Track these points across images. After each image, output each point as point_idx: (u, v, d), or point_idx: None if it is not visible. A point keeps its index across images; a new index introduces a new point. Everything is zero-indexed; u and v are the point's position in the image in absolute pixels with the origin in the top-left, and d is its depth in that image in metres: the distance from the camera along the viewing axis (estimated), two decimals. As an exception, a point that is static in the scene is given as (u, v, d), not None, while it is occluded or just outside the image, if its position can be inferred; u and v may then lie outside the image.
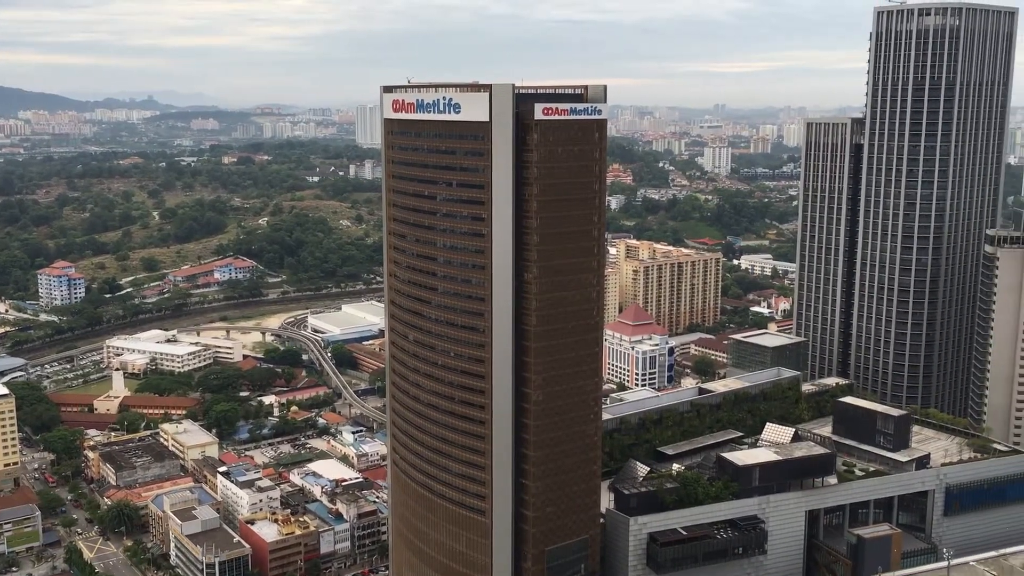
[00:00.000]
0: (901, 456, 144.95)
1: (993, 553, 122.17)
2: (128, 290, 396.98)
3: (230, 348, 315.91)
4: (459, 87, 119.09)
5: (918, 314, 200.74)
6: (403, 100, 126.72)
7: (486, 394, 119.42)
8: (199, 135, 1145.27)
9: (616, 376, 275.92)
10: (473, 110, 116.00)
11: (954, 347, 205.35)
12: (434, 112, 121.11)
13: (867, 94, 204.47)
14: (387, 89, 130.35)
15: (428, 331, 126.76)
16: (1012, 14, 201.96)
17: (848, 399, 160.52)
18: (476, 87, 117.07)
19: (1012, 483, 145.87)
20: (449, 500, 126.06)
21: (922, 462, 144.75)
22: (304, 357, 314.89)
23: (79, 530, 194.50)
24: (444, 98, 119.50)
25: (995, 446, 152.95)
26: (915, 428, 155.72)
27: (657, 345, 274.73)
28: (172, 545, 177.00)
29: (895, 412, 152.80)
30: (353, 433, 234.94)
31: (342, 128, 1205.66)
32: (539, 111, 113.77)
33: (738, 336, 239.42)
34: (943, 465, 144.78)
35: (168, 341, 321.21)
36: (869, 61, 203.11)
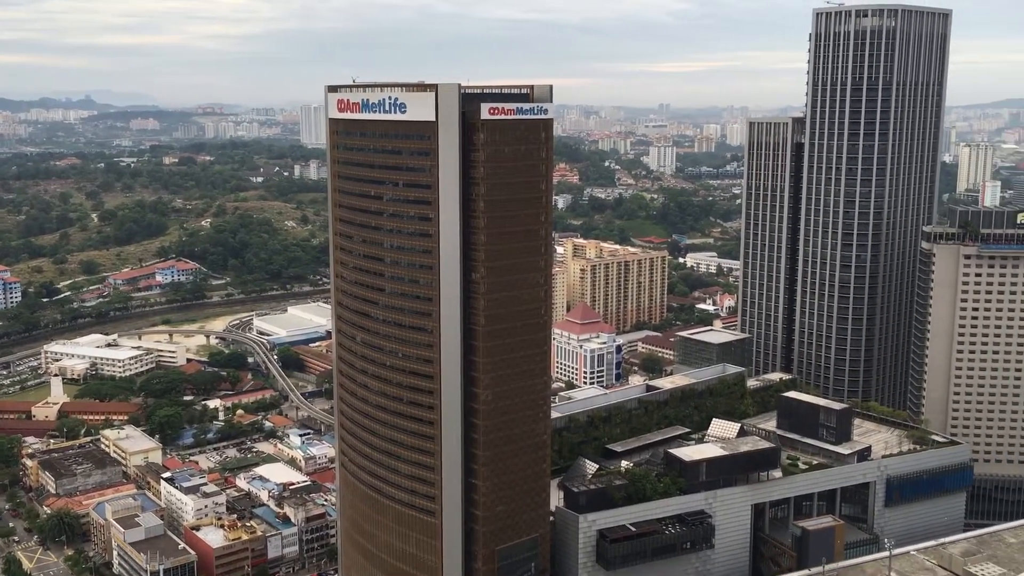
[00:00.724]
0: (843, 449, 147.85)
1: (932, 542, 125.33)
2: (67, 294, 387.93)
3: (173, 352, 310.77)
4: (405, 87, 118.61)
5: (858, 310, 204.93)
6: (348, 100, 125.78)
7: (435, 394, 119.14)
8: (139, 135, 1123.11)
9: (565, 374, 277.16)
10: (419, 110, 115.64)
11: (893, 341, 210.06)
12: (380, 112, 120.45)
13: (807, 94, 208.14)
14: (332, 89, 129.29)
15: (376, 332, 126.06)
16: (946, 16, 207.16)
17: (792, 394, 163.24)
18: (422, 87, 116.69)
19: (949, 473, 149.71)
20: (398, 501, 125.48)
21: (863, 454, 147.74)
22: (250, 360, 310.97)
23: (17, 539, 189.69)
24: (390, 98, 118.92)
25: (933, 437, 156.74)
26: (856, 421, 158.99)
27: (605, 343, 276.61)
28: (115, 554, 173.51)
29: (837, 406, 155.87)
30: (300, 436, 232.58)
31: (286, 128, 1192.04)
32: (485, 111, 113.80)
33: (684, 333, 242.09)
34: (884, 457, 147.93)
35: (108, 346, 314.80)
36: (809, 62, 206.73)
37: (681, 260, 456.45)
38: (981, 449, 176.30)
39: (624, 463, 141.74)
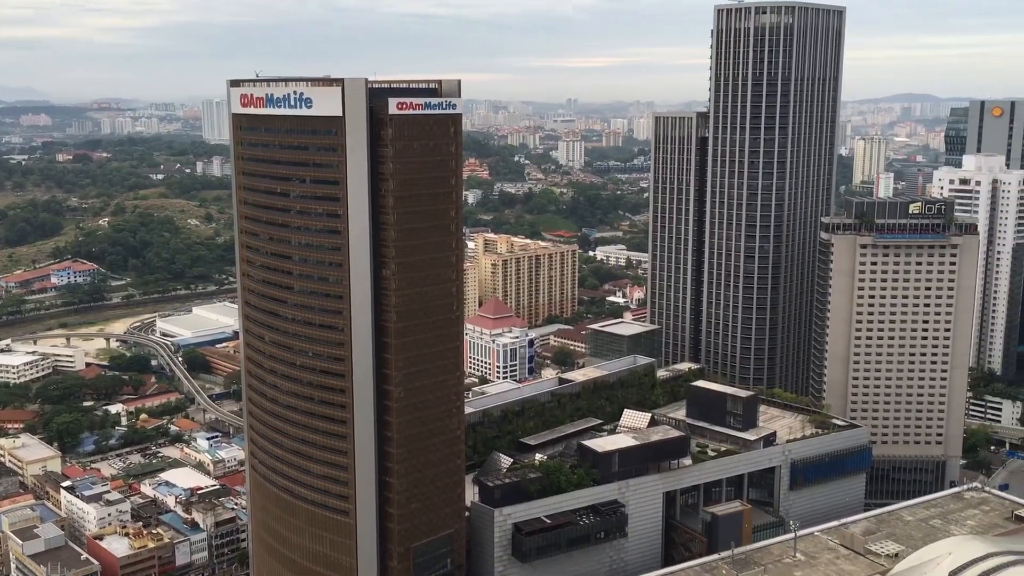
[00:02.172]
0: (750, 435, 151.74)
1: (835, 522, 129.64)
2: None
3: (71, 356, 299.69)
4: (310, 81, 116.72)
5: (762, 299, 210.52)
6: (252, 95, 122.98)
7: (346, 393, 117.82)
8: (29, 132, 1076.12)
9: (478, 370, 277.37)
10: (325, 105, 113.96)
11: (795, 329, 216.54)
12: (285, 107, 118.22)
13: (710, 89, 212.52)
14: (234, 83, 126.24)
15: (285, 331, 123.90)
16: (840, 12, 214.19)
17: (700, 383, 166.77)
18: (328, 81, 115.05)
19: (850, 455, 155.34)
20: (311, 502, 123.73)
21: (769, 440, 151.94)
22: (153, 363, 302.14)
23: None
24: (295, 93, 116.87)
25: (834, 421, 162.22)
26: (762, 408, 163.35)
27: (517, 338, 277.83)
28: (13, 567, 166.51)
29: (743, 393, 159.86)
30: (208, 439, 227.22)
31: (187, 124, 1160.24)
32: (393, 106, 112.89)
33: (595, 326, 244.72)
34: (788, 442, 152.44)
35: (1, 351, 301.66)
36: (711, 57, 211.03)
37: (591, 253, 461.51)
38: (879, 431, 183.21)
39: (538, 456, 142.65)
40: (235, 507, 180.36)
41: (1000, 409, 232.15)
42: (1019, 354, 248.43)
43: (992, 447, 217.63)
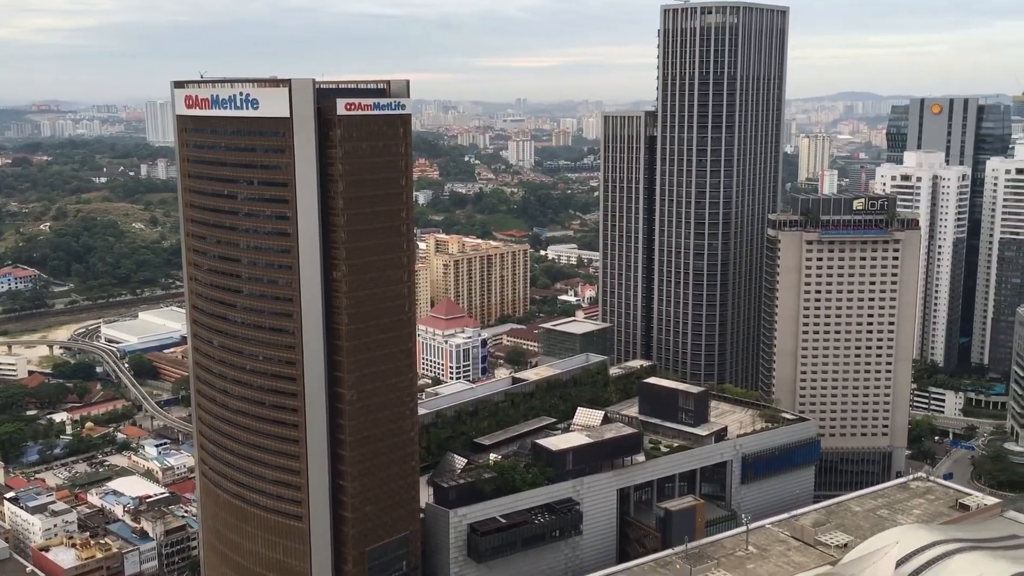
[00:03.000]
0: (701, 430, 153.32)
1: (786, 515, 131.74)
2: None
3: (13, 364, 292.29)
4: (256, 82, 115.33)
5: (711, 296, 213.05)
6: (197, 96, 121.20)
7: (298, 397, 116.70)
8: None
9: (431, 370, 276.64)
10: (272, 106, 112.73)
11: (745, 325, 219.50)
12: (231, 108, 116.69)
13: (658, 88, 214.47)
14: (178, 84, 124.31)
15: (234, 335, 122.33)
16: (784, 12, 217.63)
17: (652, 380, 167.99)
18: (275, 82, 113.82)
19: (799, 448, 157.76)
20: (263, 508, 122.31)
21: (720, 435, 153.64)
22: (99, 369, 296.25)
23: None
24: (241, 94, 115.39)
25: (783, 415, 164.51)
26: (713, 403, 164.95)
27: (470, 338, 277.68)
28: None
29: (694, 389, 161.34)
30: (157, 446, 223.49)
31: (131, 126, 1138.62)
32: (341, 106, 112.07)
33: (547, 325, 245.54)
34: (739, 436, 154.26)
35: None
36: (658, 57, 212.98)
37: (542, 253, 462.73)
38: (827, 424, 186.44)
39: (492, 456, 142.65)
40: (185, 515, 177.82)
41: (943, 400, 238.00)
42: (961, 346, 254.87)
43: (936, 437, 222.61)
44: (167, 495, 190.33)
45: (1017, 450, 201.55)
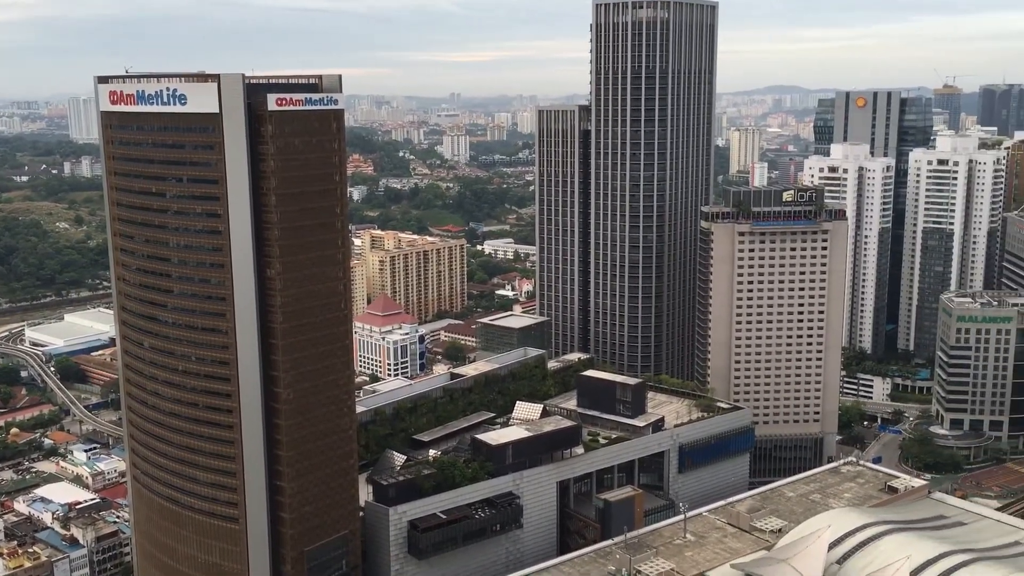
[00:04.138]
0: (639, 421, 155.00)
1: (722, 502, 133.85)
2: None
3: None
4: (184, 77, 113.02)
5: (647, 288, 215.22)
6: (121, 92, 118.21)
7: (232, 397, 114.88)
8: None
9: (368, 368, 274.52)
10: (201, 101, 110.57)
11: (680, 316, 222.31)
12: (157, 104, 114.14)
13: (591, 83, 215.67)
14: (102, 79, 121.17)
15: (165, 336, 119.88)
16: (713, 8, 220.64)
17: (589, 372, 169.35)
18: (203, 77, 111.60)
19: (734, 437, 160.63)
20: (198, 511, 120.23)
21: (657, 425, 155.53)
22: (23, 374, 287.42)
23: None
24: (168, 89, 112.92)
25: (718, 404, 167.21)
26: (650, 394, 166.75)
27: (407, 334, 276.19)
28: None
29: (632, 381, 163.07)
30: (86, 451, 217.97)
31: (53, 122, 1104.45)
32: (272, 102, 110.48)
33: (485, 320, 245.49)
34: (675, 426, 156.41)
35: None
36: (591, 52, 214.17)
37: (479, 247, 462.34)
38: (760, 412, 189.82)
39: (432, 452, 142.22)
40: (117, 520, 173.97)
41: (872, 386, 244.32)
42: (887, 333, 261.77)
43: (865, 422, 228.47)
44: (98, 501, 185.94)
45: (942, 433, 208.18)
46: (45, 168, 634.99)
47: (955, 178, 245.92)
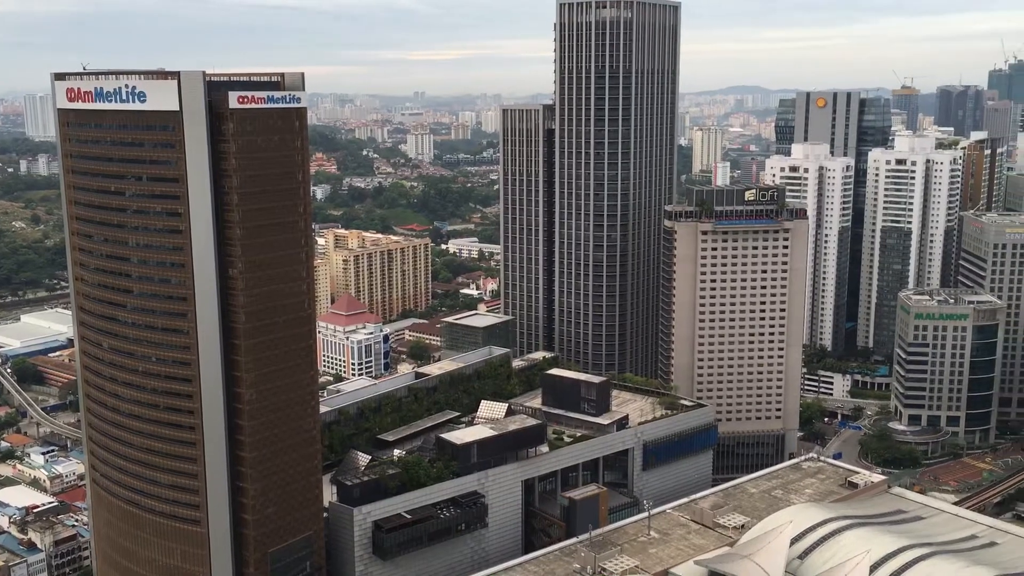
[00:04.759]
0: (603, 420, 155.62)
1: (685, 499, 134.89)
2: None
3: None
4: (143, 74, 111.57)
5: (611, 287, 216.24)
6: (79, 89, 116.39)
7: (194, 398, 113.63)
8: None
9: (332, 367, 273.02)
10: (161, 99, 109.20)
11: (644, 315, 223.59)
12: (116, 101, 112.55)
13: (555, 82, 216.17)
14: (59, 76, 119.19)
15: (125, 337, 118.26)
16: (676, 8, 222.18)
17: (554, 371, 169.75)
18: (163, 74, 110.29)
19: (697, 434, 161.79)
20: (159, 514, 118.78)
21: (622, 423, 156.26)
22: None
23: None
24: (127, 86, 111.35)
25: (682, 402, 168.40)
26: (614, 392, 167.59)
27: (372, 333, 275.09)
28: None
29: (596, 379, 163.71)
30: (44, 454, 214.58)
31: (9, 120, 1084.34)
32: (234, 100, 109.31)
33: (450, 319, 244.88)
34: (639, 424, 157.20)
35: None
36: (555, 51, 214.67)
37: (443, 247, 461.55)
38: (724, 409, 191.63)
39: (397, 452, 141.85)
40: (76, 524, 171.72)
41: (832, 383, 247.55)
42: (847, 331, 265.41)
43: (826, 418, 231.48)
44: (56, 504, 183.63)
45: (900, 429, 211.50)
46: (1, 166, 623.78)
47: (913, 178, 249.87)
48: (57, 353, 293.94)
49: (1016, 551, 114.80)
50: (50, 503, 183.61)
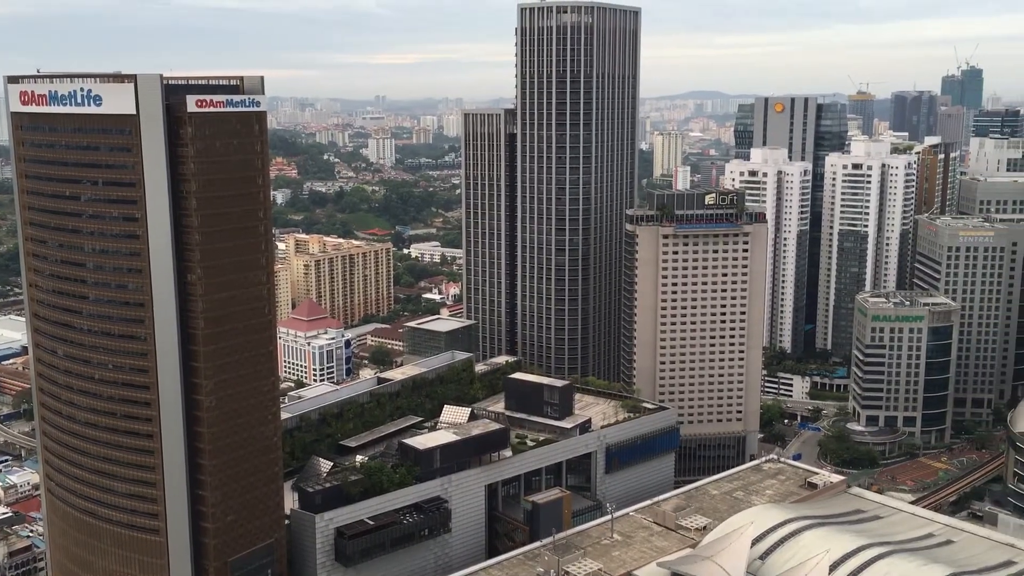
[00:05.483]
0: (566, 423, 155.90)
1: (648, 502, 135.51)
2: None
3: None
4: (99, 77, 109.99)
5: (573, 291, 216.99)
6: (33, 92, 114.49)
7: (152, 405, 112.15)
8: None
9: (293, 373, 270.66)
10: (117, 102, 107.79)
11: (606, 318, 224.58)
12: (71, 105, 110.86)
13: (517, 86, 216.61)
14: (12, 79, 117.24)
15: (81, 344, 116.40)
16: (636, 13, 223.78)
17: (517, 375, 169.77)
18: (119, 77, 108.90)
19: (660, 437, 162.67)
20: (117, 523, 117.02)
21: (584, 427, 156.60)
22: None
23: None
24: (82, 89, 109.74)
25: (644, 405, 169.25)
26: (577, 396, 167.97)
27: (333, 339, 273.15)
28: None
29: (559, 383, 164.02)
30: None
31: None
32: (192, 103, 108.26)
33: (412, 323, 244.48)
34: (602, 427, 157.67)
35: None
36: (517, 55, 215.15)
37: (406, 251, 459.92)
38: (685, 412, 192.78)
39: (359, 458, 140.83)
40: (31, 534, 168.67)
41: (791, 384, 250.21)
42: (806, 333, 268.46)
43: (785, 420, 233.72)
44: (10, 515, 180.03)
45: (858, 429, 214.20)
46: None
47: (869, 182, 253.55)
48: (11, 361, 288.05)
49: (971, 549, 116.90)
50: (4, 514, 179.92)
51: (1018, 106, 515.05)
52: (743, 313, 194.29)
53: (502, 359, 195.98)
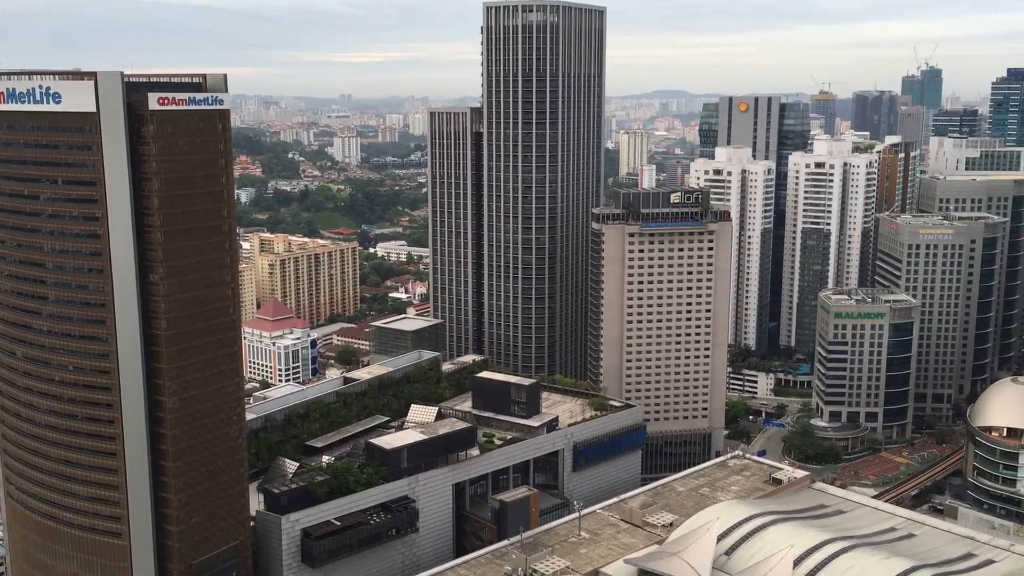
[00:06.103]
0: (533, 422, 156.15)
1: (615, 499, 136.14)
2: None
3: None
4: (58, 75, 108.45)
5: (540, 289, 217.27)
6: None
7: (114, 407, 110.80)
8: None
9: (259, 374, 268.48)
10: (76, 100, 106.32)
11: (573, 317, 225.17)
12: (30, 103, 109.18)
13: (483, 85, 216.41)
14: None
15: (41, 345, 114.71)
16: (601, 12, 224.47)
17: (484, 374, 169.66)
18: (79, 75, 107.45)
19: (626, 434, 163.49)
20: (79, 527, 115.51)
21: (552, 425, 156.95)
22: None
23: None
24: (41, 87, 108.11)
25: (611, 403, 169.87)
26: (544, 394, 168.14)
27: (299, 338, 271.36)
28: None
29: (526, 382, 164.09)
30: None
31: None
32: (154, 101, 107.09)
33: (379, 323, 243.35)
34: (569, 426, 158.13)
35: None
36: (482, 54, 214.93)
37: (372, 250, 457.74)
38: (652, 409, 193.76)
39: (325, 458, 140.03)
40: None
41: (756, 381, 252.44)
42: (770, 330, 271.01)
43: (750, 416, 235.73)
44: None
45: (822, 425, 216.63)
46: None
47: (831, 180, 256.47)
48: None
49: (932, 542, 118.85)
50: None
51: (976, 106, 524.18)
52: (708, 311, 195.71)
53: (469, 358, 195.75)
